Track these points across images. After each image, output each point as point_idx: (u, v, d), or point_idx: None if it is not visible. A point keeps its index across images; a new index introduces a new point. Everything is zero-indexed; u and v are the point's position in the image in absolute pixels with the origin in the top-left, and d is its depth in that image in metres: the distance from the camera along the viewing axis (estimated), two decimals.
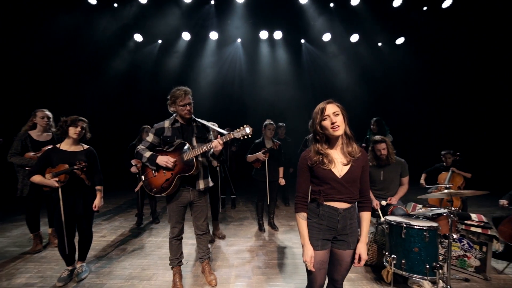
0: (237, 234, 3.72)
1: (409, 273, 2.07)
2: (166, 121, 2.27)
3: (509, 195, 2.89)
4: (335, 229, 1.43)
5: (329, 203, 1.42)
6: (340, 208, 1.41)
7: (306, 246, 1.41)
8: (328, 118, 1.37)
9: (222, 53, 6.98)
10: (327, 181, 1.40)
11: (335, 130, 1.35)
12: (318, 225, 1.44)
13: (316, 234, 1.44)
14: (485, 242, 2.50)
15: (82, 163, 2.27)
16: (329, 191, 1.41)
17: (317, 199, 1.44)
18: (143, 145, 2.23)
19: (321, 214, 1.43)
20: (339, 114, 1.37)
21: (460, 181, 3.61)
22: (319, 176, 1.41)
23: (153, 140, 2.23)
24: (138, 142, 4.01)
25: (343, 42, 6.82)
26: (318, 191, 1.44)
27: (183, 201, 2.26)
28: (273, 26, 6.50)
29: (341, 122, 1.36)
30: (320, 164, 1.40)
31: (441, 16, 5.91)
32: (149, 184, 2.22)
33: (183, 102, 2.15)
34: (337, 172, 1.39)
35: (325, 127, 1.38)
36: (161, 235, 3.66)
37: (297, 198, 1.49)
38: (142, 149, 2.20)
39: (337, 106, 1.40)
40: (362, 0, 5.82)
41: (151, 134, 2.24)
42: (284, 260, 2.90)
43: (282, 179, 3.81)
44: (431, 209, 2.54)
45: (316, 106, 1.46)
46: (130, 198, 5.89)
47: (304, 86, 7.58)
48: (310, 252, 1.40)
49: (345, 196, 1.40)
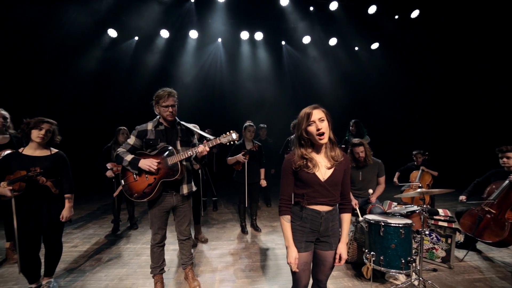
0: (220, 237, 3.66)
1: (386, 269, 2.18)
2: (149, 123, 2.18)
3: (468, 191, 3.16)
4: (317, 231, 1.46)
5: (312, 206, 1.44)
6: (322, 211, 1.44)
7: (291, 248, 1.43)
8: (314, 124, 1.37)
9: (202, 53, 6.84)
10: (311, 185, 1.42)
11: (321, 139, 1.36)
12: (301, 228, 1.47)
13: (299, 237, 1.46)
14: (450, 234, 2.71)
15: (37, 169, 2.04)
16: (313, 194, 1.43)
17: (300, 202, 1.47)
18: (124, 148, 2.13)
19: (304, 217, 1.46)
20: (324, 120, 1.38)
21: (428, 179, 3.88)
22: (303, 180, 1.43)
23: (135, 142, 2.14)
24: (113, 145, 3.80)
25: (322, 45, 7.02)
26: (302, 194, 1.46)
27: (166, 206, 2.18)
28: (254, 27, 6.50)
29: (326, 129, 1.37)
30: (304, 167, 1.41)
31: (410, 25, 6.32)
32: (129, 189, 2.11)
33: (165, 103, 2.07)
34: (321, 176, 1.41)
35: (311, 133, 1.39)
36: (140, 242, 3.50)
37: (281, 201, 1.50)
38: (122, 152, 2.10)
39: (322, 112, 1.41)
40: (340, 5, 6.03)
41: (133, 136, 2.14)
42: (267, 262, 2.91)
43: (263, 181, 3.82)
44: (405, 207, 2.70)
45: (301, 109, 1.45)
46: (105, 204, 5.56)
47: (285, 88, 7.68)
48: (294, 254, 1.42)
49: (328, 199, 1.43)
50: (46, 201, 2.15)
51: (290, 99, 7.66)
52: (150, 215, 2.19)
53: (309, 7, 6.15)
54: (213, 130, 4.94)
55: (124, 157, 2.06)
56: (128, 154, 2.09)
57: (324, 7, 6.09)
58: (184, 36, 6.45)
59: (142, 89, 6.42)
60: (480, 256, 3.04)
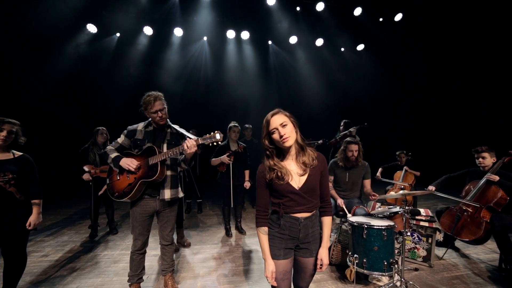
0: (203, 241, 3.56)
1: (369, 271, 2.17)
2: (140, 124, 2.18)
3: (437, 183, 3.09)
4: (297, 238, 1.40)
5: (290, 214, 1.38)
6: (300, 217, 1.38)
7: (268, 262, 1.38)
8: (276, 131, 1.31)
9: (187, 51, 6.66)
10: (286, 194, 1.35)
11: (285, 141, 1.30)
12: (280, 235, 1.40)
13: (278, 243, 1.40)
14: (431, 234, 2.76)
15: (9, 174, 1.88)
16: (289, 203, 1.36)
17: (278, 211, 1.40)
18: (113, 146, 2.13)
19: (282, 224, 1.39)
20: (287, 124, 1.31)
21: (411, 179, 3.96)
22: (277, 190, 1.36)
23: (124, 142, 2.14)
24: (91, 146, 3.61)
25: (308, 46, 7.04)
26: (278, 203, 1.39)
27: (148, 210, 2.10)
28: (240, 26, 6.42)
29: (290, 132, 1.31)
30: (276, 179, 1.34)
31: (394, 27, 6.46)
32: (112, 187, 2.10)
33: (153, 109, 2.03)
34: (295, 184, 1.35)
35: (275, 140, 1.33)
36: (119, 247, 3.34)
37: (257, 212, 1.44)
38: (110, 150, 2.10)
39: (284, 116, 1.34)
40: (326, 6, 6.06)
41: (123, 135, 2.15)
42: (251, 266, 2.85)
43: (247, 182, 3.75)
44: (389, 208, 2.71)
45: (287, 109, 1.40)
46: (82, 208, 5.30)
47: (271, 88, 7.65)
48: (271, 268, 1.36)
49: (305, 207, 1.37)
50: (9, 208, 1.96)
51: (276, 99, 7.64)
52: (132, 219, 2.12)
53: (296, 7, 6.15)
54: (197, 131, 4.82)
55: (110, 154, 2.06)
56: (115, 152, 2.07)
57: (311, 8, 6.11)
58: (168, 33, 6.26)
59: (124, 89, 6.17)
60: (458, 254, 3.13)
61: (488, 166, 2.85)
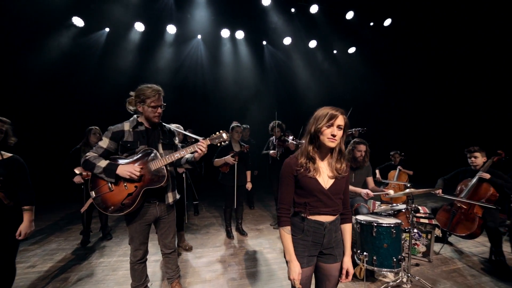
0: (205, 244, 3.48)
1: (379, 268, 2.23)
2: (125, 123, 1.89)
3: (437, 186, 3.21)
4: (320, 244, 1.36)
5: (314, 217, 1.35)
6: (325, 222, 1.35)
7: (293, 263, 1.31)
8: (331, 127, 1.29)
9: (181, 49, 6.49)
10: (314, 193, 1.32)
11: (332, 141, 1.29)
12: (303, 242, 1.36)
13: (301, 251, 1.35)
14: (430, 230, 2.90)
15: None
16: (315, 204, 1.33)
17: (301, 212, 1.36)
18: (95, 152, 1.82)
19: (306, 229, 1.35)
20: (341, 129, 1.31)
21: (405, 178, 4.14)
22: (305, 187, 1.33)
23: (109, 145, 1.84)
24: (84, 146, 3.40)
25: (303, 47, 7.12)
26: (304, 203, 1.35)
27: (148, 218, 1.94)
28: (235, 25, 6.37)
29: (339, 138, 1.31)
30: (305, 171, 1.32)
31: (384, 32, 6.71)
32: (103, 201, 1.80)
33: (155, 103, 1.83)
34: (323, 183, 1.33)
35: (324, 134, 1.29)
36: (116, 254, 3.17)
37: (281, 210, 1.37)
38: (93, 157, 1.79)
39: (344, 119, 1.32)
40: (320, 9, 6.17)
41: (106, 138, 1.84)
42: (258, 268, 2.83)
43: (249, 183, 3.73)
44: (391, 206, 2.80)
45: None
46: (70, 212, 4.99)
47: (267, 87, 7.64)
48: (298, 269, 1.30)
49: (331, 209, 1.34)
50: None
51: (273, 99, 7.65)
52: (130, 229, 1.92)
53: (291, 8, 6.20)
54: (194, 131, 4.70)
55: (97, 163, 1.75)
56: (101, 159, 1.79)
57: (305, 10, 6.19)
58: (162, 30, 6.06)
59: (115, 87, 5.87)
60: (452, 248, 3.30)
61: (479, 165, 3.03)
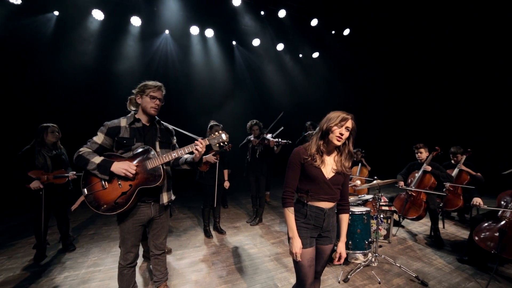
0: (184, 245, 3.41)
1: (354, 251, 2.54)
2: (122, 119, 1.85)
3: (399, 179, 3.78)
4: (320, 227, 1.56)
5: (315, 203, 1.53)
6: (325, 208, 1.55)
7: (295, 239, 1.48)
8: (341, 128, 1.46)
9: (149, 44, 6.09)
10: (316, 181, 1.50)
11: (339, 140, 1.47)
12: (305, 225, 1.54)
13: (304, 233, 1.53)
14: (390, 216, 3.38)
15: None
16: (317, 191, 1.51)
17: (303, 198, 1.54)
18: (89, 148, 1.77)
19: (308, 214, 1.53)
20: (349, 131, 1.49)
21: (366, 173, 4.69)
22: (310, 175, 1.50)
23: (104, 141, 1.80)
24: (38, 147, 2.98)
25: (271, 49, 7.37)
26: (306, 190, 1.53)
27: (142, 219, 1.88)
28: (204, 23, 6.26)
29: (345, 138, 1.48)
30: (312, 160, 1.49)
31: (343, 40, 7.39)
32: (96, 199, 1.73)
33: (154, 93, 1.82)
34: (326, 174, 1.51)
35: (333, 131, 1.47)
36: (84, 266, 2.88)
37: (286, 193, 1.54)
38: (87, 153, 1.73)
39: (352, 123, 1.50)
40: (288, 14, 6.48)
41: (101, 134, 1.80)
42: (243, 263, 2.91)
43: (227, 182, 3.77)
44: (359, 197, 3.18)
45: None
46: (14, 225, 4.27)
47: (239, 86, 7.69)
48: (299, 244, 1.48)
49: (330, 197, 1.54)
50: None
51: (246, 98, 7.73)
52: (122, 230, 1.85)
53: (260, 11, 6.37)
54: None
55: (91, 159, 1.69)
56: (95, 155, 1.73)
57: (274, 14, 6.43)
58: (124, 22, 5.60)
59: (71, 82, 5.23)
60: (404, 230, 3.89)
61: (424, 159, 3.64)
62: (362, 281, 2.50)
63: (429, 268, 2.80)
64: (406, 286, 2.45)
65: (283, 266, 2.82)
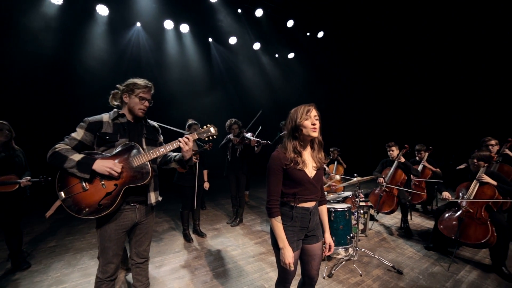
0: (162, 251, 3.20)
1: (337, 246, 2.61)
2: (104, 115, 1.69)
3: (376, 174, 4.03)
4: (306, 228, 1.52)
5: (302, 204, 1.50)
6: (310, 207, 1.52)
7: (287, 248, 1.42)
8: (310, 119, 1.45)
9: (119, 36, 5.60)
10: (302, 183, 1.46)
11: (314, 131, 1.45)
12: (292, 228, 1.49)
13: (291, 237, 1.48)
14: (366, 211, 3.55)
15: None
16: (303, 192, 1.48)
17: (290, 202, 1.48)
18: (67, 144, 1.59)
19: (294, 216, 1.48)
20: (318, 120, 1.48)
21: (342, 171, 4.89)
22: (295, 179, 1.45)
23: (84, 137, 1.62)
24: None
25: (247, 48, 7.32)
26: (293, 193, 1.47)
27: (125, 224, 1.69)
28: (179, 17, 5.99)
29: (319, 127, 1.48)
30: (295, 164, 1.44)
31: (317, 42, 7.64)
32: (76, 203, 1.53)
33: (144, 94, 1.68)
34: (309, 174, 1.49)
35: (305, 126, 1.45)
36: (44, 284, 2.50)
37: (271, 202, 1.46)
38: (65, 150, 1.54)
39: (317, 111, 1.50)
40: (264, 13, 6.50)
41: (81, 129, 1.63)
42: (226, 266, 2.82)
43: (207, 183, 3.64)
44: (338, 194, 3.29)
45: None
46: None
47: (215, 85, 7.49)
48: (291, 254, 1.42)
49: (315, 195, 1.53)
50: None
51: (222, 97, 7.56)
52: (102, 238, 1.64)
53: (238, 9, 6.28)
54: None
55: (69, 156, 1.52)
56: (74, 152, 1.56)
57: (251, 12, 6.39)
58: (89, 10, 5.07)
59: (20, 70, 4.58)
60: (378, 223, 4.14)
61: (395, 156, 3.91)
62: (345, 275, 2.58)
63: (402, 257, 3.00)
64: (384, 276, 2.59)
65: (269, 266, 2.80)
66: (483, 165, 2.85)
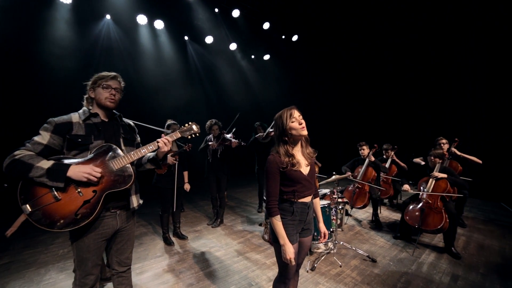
0: (142, 257, 3.07)
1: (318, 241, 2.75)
2: (72, 115, 1.53)
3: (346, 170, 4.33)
4: (304, 221, 1.65)
5: (301, 200, 1.62)
6: (308, 202, 1.65)
7: (288, 245, 1.52)
8: (296, 120, 1.56)
9: (84, 28, 5.15)
10: (300, 181, 1.58)
11: (303, 130, 1.56)
12: (292, 222, 1.60)
13: (291, 230, 1.58)
14: (342, 207, 3.79)
15: None
16: (301, 189, 1.60)
17: (290, 198, 1.60)
18: (31, 150, 1.39)
19: (295, 211, 1.59)
20: (302, 118, 1.59)
21: (316, 169, 5.13)
22: (293, 179, 1.56)
23: (51, 141, 1.44)
24: None
25: (224, 48, 7.28)
26: (292, 191, 1.59)
27: (106, 232, 1.57)
28: (153, 13, 5.73)
29: (305, 124, 1.59)
30: (291, 166, 1.55)
31: (292, 46, 7.89)
32: (47, 215, 1.35)
33: (108, 82, 1.55)
34: (304, 171, 1.61)
35: (294, 128, 1.55)
36: None
37: (271, 202, 1.56)
38: (29, 156, 1.35)
39: (299, 112, 1.61)
40: (241, 14, 6.53)
41: (46, 132, 1.44)
42: (212, 267, 2.81)
43: (187, 184, 3.57)
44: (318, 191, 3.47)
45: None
46: None
47: (192, 84, 7.29)
48: (292, 249, 1.52)
49: (311, 191, 1.66)
50: None
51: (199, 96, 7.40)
52: (79, 250, 1.51)
53: (215, 8, 6.22)
54: None
55: (35, 164, 1.34)
56: (41, 159, 1.38)
57: (228, 12, 6.38)
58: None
59: None
60: (352, 218, 4.43)
61: (366, 155, 4.23)
62: (326, 267, 2.75)
63: (375, 247, 3.27)
64: (361, 265, 2.81)
65: (254, 264, 2.85)
66: (438, 162, 3.27)
